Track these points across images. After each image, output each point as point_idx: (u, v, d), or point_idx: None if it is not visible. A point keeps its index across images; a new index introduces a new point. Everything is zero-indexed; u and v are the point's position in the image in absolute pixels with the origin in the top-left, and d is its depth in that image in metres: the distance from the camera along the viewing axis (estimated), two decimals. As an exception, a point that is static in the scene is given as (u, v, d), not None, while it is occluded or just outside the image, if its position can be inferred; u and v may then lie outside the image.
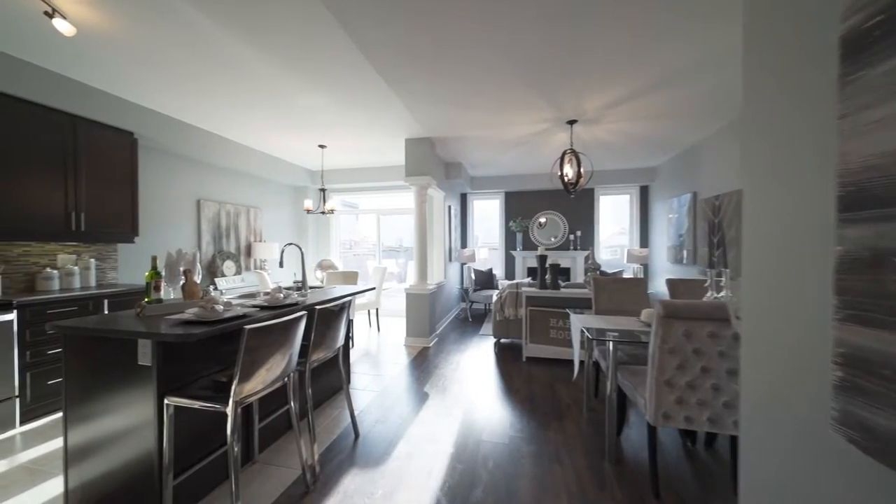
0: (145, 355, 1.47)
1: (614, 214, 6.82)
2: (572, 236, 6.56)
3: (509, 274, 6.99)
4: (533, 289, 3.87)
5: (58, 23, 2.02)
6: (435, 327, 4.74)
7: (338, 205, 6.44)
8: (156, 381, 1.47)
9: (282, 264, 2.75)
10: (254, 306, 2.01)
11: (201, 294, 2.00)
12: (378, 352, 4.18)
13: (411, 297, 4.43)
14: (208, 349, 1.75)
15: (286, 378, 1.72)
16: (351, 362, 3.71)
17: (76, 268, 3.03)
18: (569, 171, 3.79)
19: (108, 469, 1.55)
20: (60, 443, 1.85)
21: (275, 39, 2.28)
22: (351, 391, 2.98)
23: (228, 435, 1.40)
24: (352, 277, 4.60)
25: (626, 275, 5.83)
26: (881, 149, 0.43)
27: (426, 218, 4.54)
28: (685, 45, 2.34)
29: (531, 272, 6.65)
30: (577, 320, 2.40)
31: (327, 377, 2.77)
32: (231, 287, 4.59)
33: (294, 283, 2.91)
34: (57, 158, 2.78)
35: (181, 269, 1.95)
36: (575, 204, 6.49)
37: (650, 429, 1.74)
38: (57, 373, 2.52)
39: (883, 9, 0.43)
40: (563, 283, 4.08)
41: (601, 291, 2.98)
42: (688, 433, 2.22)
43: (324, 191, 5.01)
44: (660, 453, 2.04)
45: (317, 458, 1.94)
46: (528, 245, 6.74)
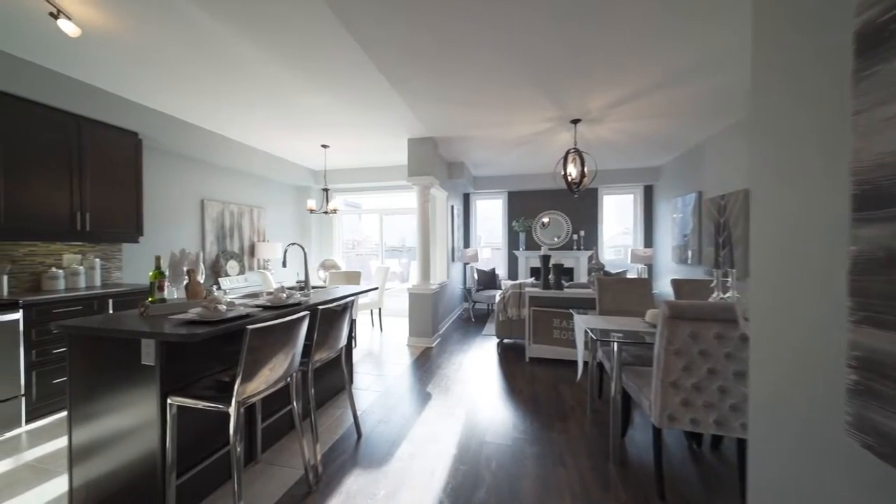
0: (149, 355, 1.48)
1: (618, 214, 6.78)
2: (576, 236, 6.53)
3: (512, 274, 6.97)
4: (536, 289, 3.86)
5: (63, 24, 2.03)
6: (438, 327, 4.74)
7: (341, 205, 6.45)
8: (159, 380, 1.47)
9: (285, 264, 2.75)
10: (257, 306, 2.02)
11: (204, 294, 2.01)
12: (381, 352, 4.18)
13: (414, 297, 4.43)
14: (211, 349, 1.75)
15: (289, 378, 1.72)
16: (353, 362, 3.71)
17: (81, 267, 3.05)
18: (572, 171, 3.77)
19: (112, 468, 1.55)
20: (65, 441, 1.86)
21: (276, 38, 2.28)
22: (353, 391, 2.98)
23: (231, 435, 1.40)
24: (354, 277, 4.61)
25: (630, 275, 5.80)
26: (897, 146, 0.42)
27: (429, 218, 4.54)
28: (686, 45, 2.36)
29: (534, 272, 6.63)
30: (581, 321, 2.39)
31: (330, 377, 2.77)
32: (234, 287, 4.61)
33: (297, 282, 2.92)
34: (62, 159, 2.80)
35: (185, 268, 1.96)
36: (578, 204, 6.46)
37: (655, 431, 1.73)
38: (62, 372, 2.53)
39: (900, 1, 0.42)
40: (566, 284, 4.06)
41: (605, 292, 2.96)
42: (693, 435, 2.19)
43: (327, 191, 5.02)
44: (665, 455, 2.02)
45: (319, 458, 1.94)
46: (531, 245, 6.71)
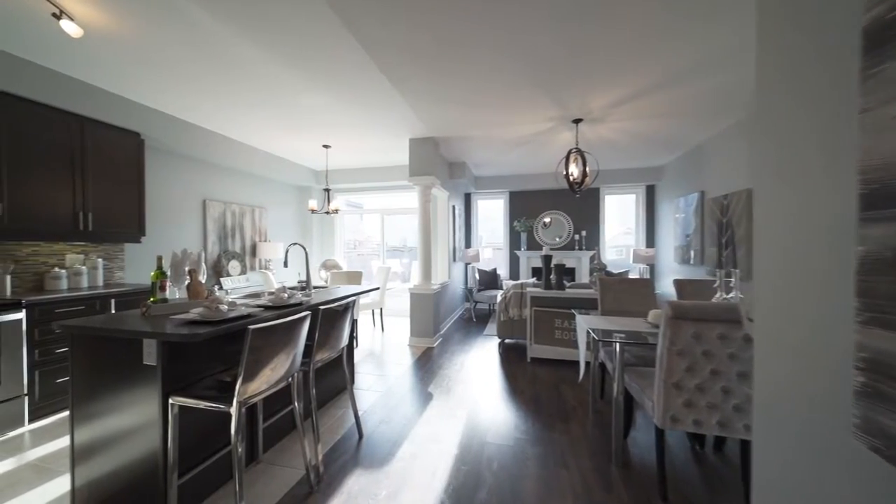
0: (150, 355, 1.48)
1: (620, 214, 6.76)
2: (577, 236, 6.52)
3: (514, 274, 6.96)
4: (538, 289, 3.85)
5: (65, 24, 2.04)
6: (439, 327, 4.73)
7: (342, 205, 6.45)
8: (161, 380, 1.47)
9: (286, 264, 2.75)
10: (258, 306, 2.02)
11: (206, 294, 2.01)
12: (382, 352, 4.18)
13: (415, 297, 4.42)
14: (213, 349, 1.75)
15: (290, 378, 1.72)
16: (355, 362, 3.71)
17: (84, 267, 3.05)
18: (574, 171, 3.76)
19: (114, 468, 1.56)
20: (67, 441, 1.87)
21: (277, 38, 2.28)
22: (355, 391, 2.98)
23: (232, 435, 1.40)
24: (356, 277, 4.61)
25: (632, 275, 5.78)
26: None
27: (430, 218, 4.53)
28: (686, 45, 2.36)
29: (536, 272, 6.61)
30: (583, 321, 2.38)
31: (331, 377, 2.77)
32: (236, 287, 4.62)
33: (298, 282, 2.92)
34: (65, 159, 2.80)
35: (186, 268, 1.96)
36: (580, 203, 6.45)
37: (658, 432, 1.72)
38: (64, 371, 2.54)
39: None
40: (568, 284, 4.05)
41: (607, 292, 2.95)
42: (696, 436, 2.18)
43: (328, 191, 5.02)
44: (667, 456, 2.01)
45: (321, 458, 1.94)
46: (533, 245, 6.70)
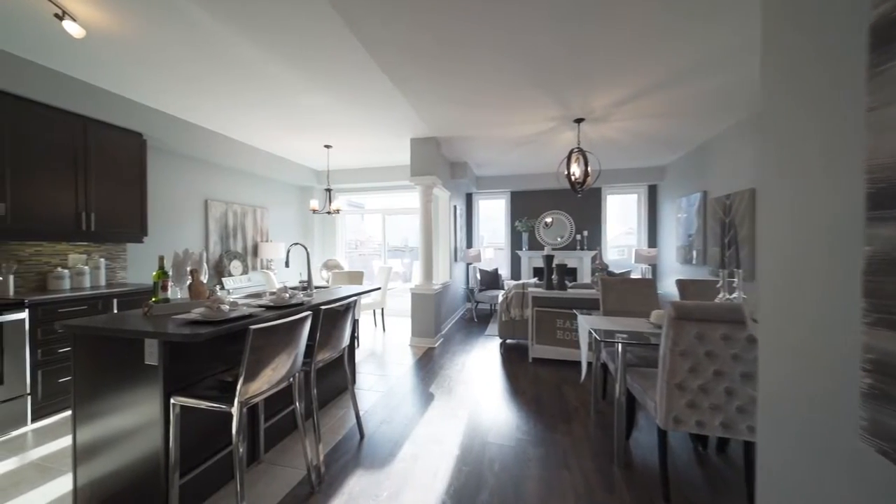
0: (152, 355, 1.48)
1: (622, 214, 6.74)
2: (579, 236, 6.50)
3: (515, 274, 6.95)
4: (539, 289, 3.84)
5: (68, 25, 2.04)
6: (440, 327, 4.73)
7: (343, 205, 6.46)
8: (162, 380, 1.47)
9: (288, 264, 2.75)
10: (259, 306, 2.02)
11: (208, 294, 2.01)
12: (383, 352, 4.17)
13: (416, 297, 4.42)
14: (214, 349, 1.75)
15: (291, 378, 1.72)
16: (356, 362, 3.71)
17: (86, 267, 3.06)
18: (576, 170, 3.75)
19: (116, 467, 1.56)
20: (70, 441, 1.87)
21: (278, 38, 2.28)
22: (356, 391, 2.97)
23: (234, 435, 1.40)
24: (357, 277, 4.61)
25: (634, 275, 5.76)
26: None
27: (431, 218, 4.53)
28: (686, 45, 2.36)
29: (537, 272, 6.60)
30: (585, 321, 2.37)
31: (333, 377, 2.77)
32: (237, 287, 4.62)
33: (300, 282, 2.92)
34: (68, 159, 2.81)
35: (188, 268, 1.96)
36: (582, 203, 6.43)
37: (660, 433, 1.71)
38: (67, 371, 2.54)
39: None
40: (569, 284, 4.04)
41: (609, 292, 2.94)
42: (699, 437, 2.17)
43: (329, 191, 5.02)
44: (670, 457, 2.00)
45: (322, 458, 1.94)
46: (534, 245, 6.69)
